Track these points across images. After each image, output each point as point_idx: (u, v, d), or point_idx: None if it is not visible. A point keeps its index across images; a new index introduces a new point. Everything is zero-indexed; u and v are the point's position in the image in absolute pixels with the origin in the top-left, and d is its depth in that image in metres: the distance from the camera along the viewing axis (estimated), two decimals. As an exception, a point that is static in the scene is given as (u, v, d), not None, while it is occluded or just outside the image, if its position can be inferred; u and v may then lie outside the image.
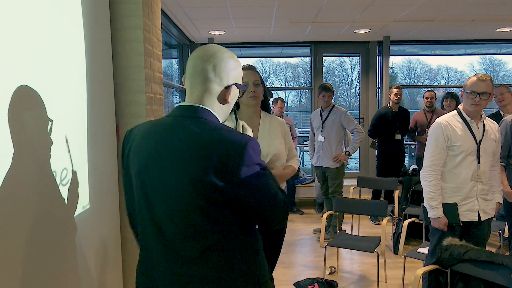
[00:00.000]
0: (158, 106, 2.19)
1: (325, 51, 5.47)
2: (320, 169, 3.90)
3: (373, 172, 5.28)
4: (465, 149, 2.07)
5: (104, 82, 1.79)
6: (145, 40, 1.95)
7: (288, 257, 3.45)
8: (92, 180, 1.62)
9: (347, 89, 18.54)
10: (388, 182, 3.84)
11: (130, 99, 1.94)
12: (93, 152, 1.64)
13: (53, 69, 1.36)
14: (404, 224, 2.82)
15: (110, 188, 1.83)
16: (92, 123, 1.63)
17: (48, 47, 1.33)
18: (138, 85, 1.93)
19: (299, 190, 5.00)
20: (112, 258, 1.83)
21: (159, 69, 2.22)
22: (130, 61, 1.91)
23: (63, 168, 1.40)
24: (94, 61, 1.66)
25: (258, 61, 18.24)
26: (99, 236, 1.69)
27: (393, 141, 4.31)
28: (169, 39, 4.82)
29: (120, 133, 1.94)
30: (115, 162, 1.88)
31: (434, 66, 19.43)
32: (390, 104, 4.33)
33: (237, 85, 1.07)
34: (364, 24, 4.38)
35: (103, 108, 1.77)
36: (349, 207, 3.11)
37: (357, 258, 3.44)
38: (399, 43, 5.38)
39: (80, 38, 1.55)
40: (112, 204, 1.84)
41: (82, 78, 1.57)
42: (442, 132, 2.10)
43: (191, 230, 0.96)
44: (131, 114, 1.94)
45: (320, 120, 3.86)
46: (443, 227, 2.10)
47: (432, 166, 2.12)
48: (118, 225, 1.90)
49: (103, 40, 1.78)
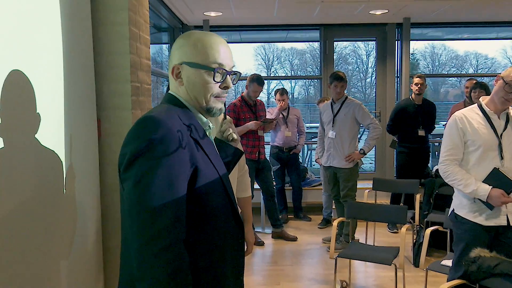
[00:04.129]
0: (145, 97, 2.19)
1: (337, 35, 5.45)
2: (331, 169, 3.89)
3: (391, 174, 5.28)
4: (483, 143, 2.08)
5: (84, 71, 1.78)
6: (130, 22, 1.94)
7: (294, 270, 3.45)
8: (70, 180, 1.62)
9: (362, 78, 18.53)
10: (408, 185, 3.83)
11: (114, 90, 1.94)
12: (70, 149, 1.64)
13: (24, 56, 1.35)
14: (426, 232, 2.82)
15: (90, 189, 1.83)
16: (69, 117, 1.63)
17: (18, 30, 1.32)
18: (123, 74, 1.93)
19: (307, 193, 5.00)
20: (93, 262, 1.85)
21: (146, 55, 2.22)
22: (114, 47, 1.91)
23: (35, 167, 1.40)
24: (71, 46, 1.66)
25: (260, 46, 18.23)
26: (79, 239, 1.70)
27: (416, 138, 4.29)
28: (159, 21, 4.81)
29: (102, 128, 1.94)
30: (96, 161, 1.89)
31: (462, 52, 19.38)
32: (412, 96, 4.32)
33: (189, 63, 1.05)
34: (381, 4, 4.36)
35: (82, 100, 1.77)
36: (362, 213, 3.11)
37: (372, 271, 3.44)
38: (420, 25, 5.36)
39: (56, 20, 1.55)
40: (92, 207, 1.84)
41: (58, 65, 1.56)
42: (456, 126, 2.14)
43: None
44: (115, 107, 1.94)
45: (331, 114, 3.85)
46: (505, 199, 2.01)
47: (445, 161, 2.18)
48: (100, 229, 1.92)
49: (82, 23, 1.77)
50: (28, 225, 1.35)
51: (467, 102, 4.24)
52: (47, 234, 1.46)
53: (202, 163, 1.00)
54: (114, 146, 1.95)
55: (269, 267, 3.53)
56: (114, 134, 1.94)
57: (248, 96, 3.99)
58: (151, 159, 0.91)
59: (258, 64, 19.28)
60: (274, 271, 3.43)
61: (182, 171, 0.95)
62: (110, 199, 1.96)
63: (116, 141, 1.94)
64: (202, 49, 1.05)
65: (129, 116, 1.94)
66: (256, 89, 3.94)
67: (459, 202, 2.21)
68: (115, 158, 1.93)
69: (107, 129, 1.95)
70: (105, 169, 1.94)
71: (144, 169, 0.91)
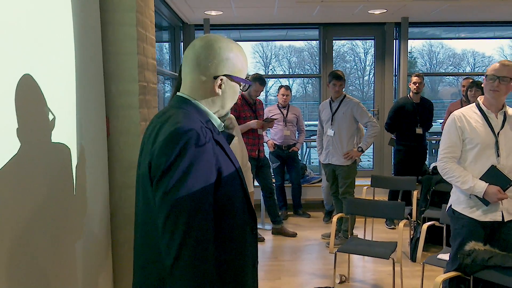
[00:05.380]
0: (151, 96, 2.26)
1: (336, 33, 5.52)
2: (330, 167, 3.97)
3: (389, 171, 5.36)
4: (480, 141, 2.17)
5: (93, 70, 1.84)
6: (138, 23, 2.00)
7: (294, 265, 3.53)
8: (80, 177, 1.68)
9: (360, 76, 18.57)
10: (405, 182, 3.92)
11: (122, 89, 2.00)
12: (80, 147, 1.69)
13: (36, 56, 1.40)
14: (423, 227, 2.90)
15: (100, 187, 1.89)
16: (79, 115, 1.68)
17: (31, 31, 1.37)
18: (131, 74, 1.99)
19: (306, 190, 5.08)
20: (102, 260, 1.90)
21: (152, 55, 2.28)
22: (122, 47, 1.97)
23: (47, 165, 1.46)
24: (81, 47, 1.71)
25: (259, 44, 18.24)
26: (88, 237, 1.75)
27: (414, 136, 4.36)
28: (160, 20, 4.86)
29: (111, 126, 2.00)
30: (105, 158, 1.95)
31: (459, 51, 19.44)
32: (410, 94, 4.39)
33: (232, 77, 1.14)
34: (380, 4, 4.43)
35: (92, 99, 1.82)
36: (361, 209, 3.19)
37: (370, 266, 3.52)
38: (418, 25, 5.43)
39: (67, 21, 1.60)
40: (102, 205, 1.90)
41: (68, 65, 1.62)
42: (454, 124, 2.23)
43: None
44: (123, 105, 2.00)
45: (329, 112, 3.93)
46: (501, 196, 2.10)
47: (443, 158, 2.26)
48: (109, 226, 1.98)
49: (91, 24, 1.83)
50: (39, 221, 1.39)
51: (463, 101, 4.32)
52: (58, 230, 1.50)
53: (223, 161, 1.07)
54: (122, 144, 2.01)
55: (270, 262, 3.61)
56: (122, 132, 2.00)
57: (248, 95, 4.05)
58: (187, 165, 0.98)
59: (256, 62, 19.31)
60: (275, 266, 3.51)
61: (212, 173, 1.03)
62: (118, 196, 2.02)
63: (124, 139, 2.01)
64: (242, 63, 1.15)
65: (137, 115, 2.00)
66: (257, 88, 4.01)
67: (457, 198, 2.29)
68: (123, 155, 2.01)
69: (116, 127, 2.01)
70: (114, 166, 2.01)
71: (180, 175, 0.98)
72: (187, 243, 0.96)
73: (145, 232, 1.10)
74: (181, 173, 0.97)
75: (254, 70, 17.96)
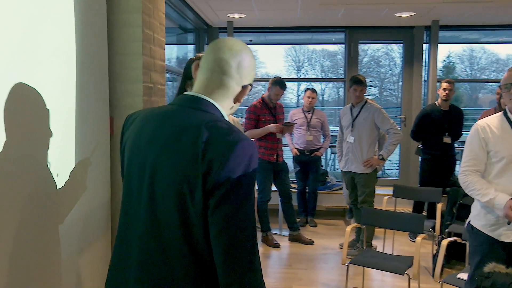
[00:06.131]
0: (158, 97, 2.26)
1: (362, 37, 5.38)
2: (349, 174, 3.84)
3: (415, 181, 5.13)
4: (507, 154, 1.99)
5: (98, 70, 1.86)
6: (144, 24, 2.01)
7: (308, 274, 3.44)
8: (82, 176, 1.70)
9: (395, 81, 18.05)
10: (429, 193, 3.72)
11: (126, 89, 2.01)
12: (83, 146, 1.71)
13: (42, 56, 1.42)
14: (443, 243, 2.73)
15: (102, 186, 1.91)
16: (83, 114, 1.71)
17: (37, 32, 1.40)
18: (135, 74, 2.00)
19: (327, 197, 4.95)
20: (102, 258, 1.91)
21: (161, 56, 2.29)
22: (127, 48, 1.99)
23: (50, 164, 1.48)
24: (87, 46, 1.73)
25: (291, 48, 18.18)
26: (89, 236, 1.77)
27: (441, 145, 4.16)
28: (185, 23, 4.92)
29: (114, 126, 2.01)
30: (107, 157, 1.96)
31: (503, 56, 18.46)
32: (438, 101, 4.19)
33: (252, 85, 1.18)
34: (407, 6, 4.26)
35: (96, 98, 1.84)
36: (377, 220, 3.05)
37: (388, 280, 3.37)
38: (451, 28, 5.19)
39: (72, 21, 1.63)
40: (103, 203, 1.92)
41: (73, 65, 1.64)
42: (478, 135, 2.05)
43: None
44: (127, 106, 2.01)
45: (350, 118, 3.81)
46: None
47: (465, 171, 2.09)
48: (109, 226, 1.98)
49: (98, 24, 1.85)
50: (40, 221, 1.41)
51: (497, 109, 4.07)
52: (59, 229, 1.52)
53: None
54: (125, 144, 2.02)
55: (283, 270, 3.53)
56: (126, 133, 2.01)
57: (269, 99, 4.01)
58: (251, 179, 0.99)
59: (289, 65, 19.23)
60: (287, 274, 3.43)
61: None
62: (119, 196, 2.02)
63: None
64: (254, 70, 1.18)
65: (140, 116, 2.01)
66: (277, 92, 3.95)
67: (477, 213, 2.13)
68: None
69: (119, 127, 2.01)
70: (116, 165, 2.02)
71: (246, 189, 0.98)
72: (252, 269, 0.97)
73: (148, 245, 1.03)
74: (247, 189, 0.97)
75: (286, 74, 17.89)
